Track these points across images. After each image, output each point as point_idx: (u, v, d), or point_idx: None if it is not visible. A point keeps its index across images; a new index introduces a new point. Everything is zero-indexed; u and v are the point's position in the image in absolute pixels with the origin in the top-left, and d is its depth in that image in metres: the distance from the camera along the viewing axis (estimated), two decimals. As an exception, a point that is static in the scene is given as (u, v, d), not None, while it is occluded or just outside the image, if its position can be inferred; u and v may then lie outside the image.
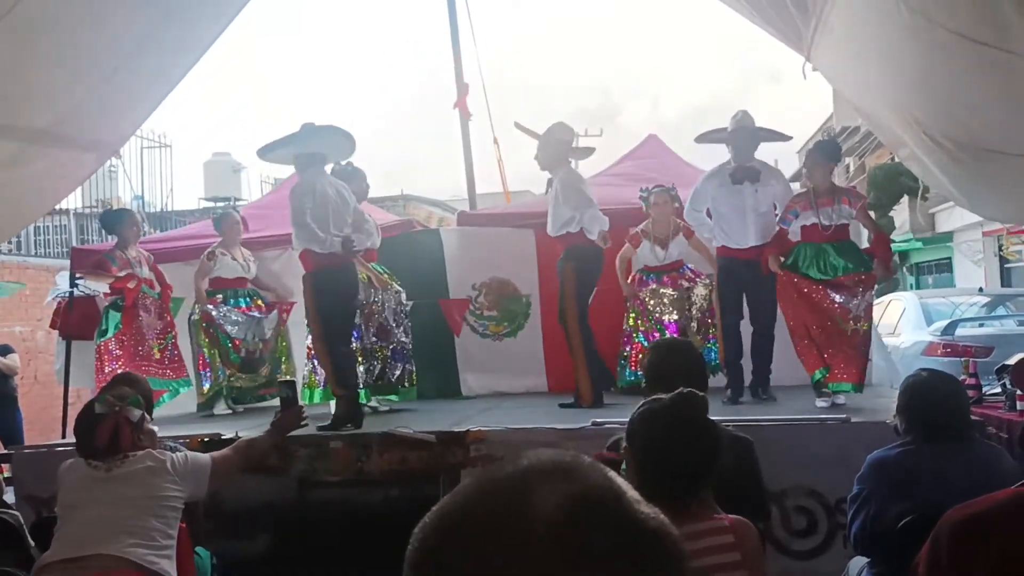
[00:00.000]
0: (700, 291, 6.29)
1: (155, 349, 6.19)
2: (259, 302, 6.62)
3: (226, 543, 4.18)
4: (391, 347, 5.93)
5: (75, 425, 3.10)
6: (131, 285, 6.06)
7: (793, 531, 4.18)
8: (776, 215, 5.46)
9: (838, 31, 4.12)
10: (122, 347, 6.03)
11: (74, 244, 12.08)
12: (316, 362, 5.74)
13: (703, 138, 5.78)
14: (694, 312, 6.29)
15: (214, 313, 6.33)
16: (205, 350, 6.35)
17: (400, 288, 6.07)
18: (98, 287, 6.35)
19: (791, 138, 5.88)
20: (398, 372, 5.99)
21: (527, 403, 6.00)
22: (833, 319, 5.00)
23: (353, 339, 5.58)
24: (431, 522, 0.70)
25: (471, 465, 4.47)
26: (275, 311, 6.64)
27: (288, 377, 5.82)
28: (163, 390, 6.06)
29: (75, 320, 7.14)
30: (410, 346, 6.12)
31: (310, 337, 5.54)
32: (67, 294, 7.12)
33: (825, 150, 5.39)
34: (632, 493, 0.69)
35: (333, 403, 5.43)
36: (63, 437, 6.93)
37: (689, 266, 6.40)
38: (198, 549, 3.43)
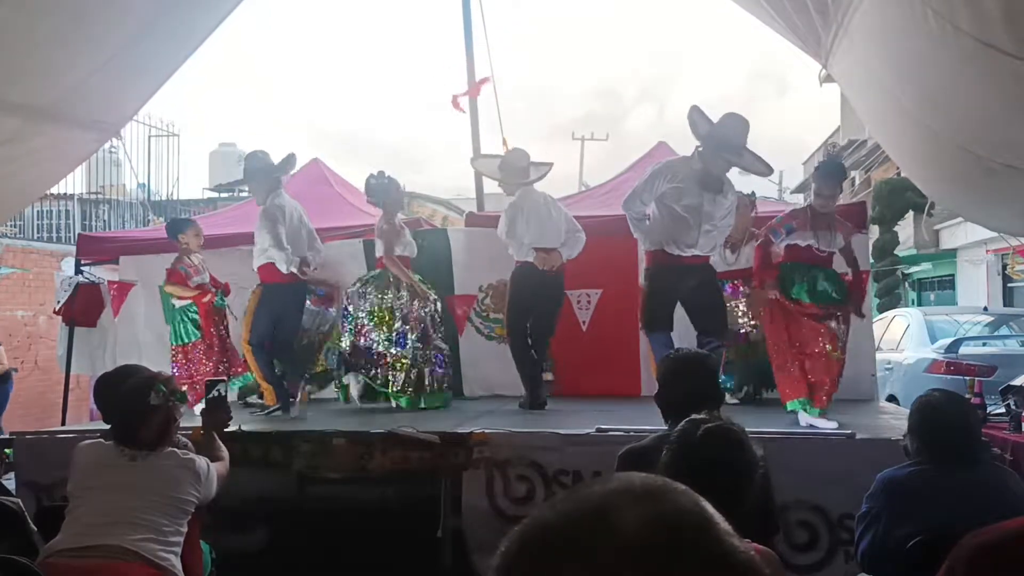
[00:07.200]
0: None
1: (224, 349, 6.39)
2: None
3: (225, 536, 4.16)
4: (433, 352, 6.07)
5: (121, 411, 2.97)
6: (205, 300, 6.26)
7: (794, 545, 4.16)
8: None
9: (858, 38, 4.10)
10: (207, 352, 6.25)
11: (79, 230, 12.09)
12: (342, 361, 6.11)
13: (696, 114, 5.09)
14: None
15: None
16: None
17: (436, 297, 6.25)
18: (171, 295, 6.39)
19: (770, 172, 5.51)
20: (440, 376, 6.11)
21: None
22: (822, 346, 4.93)
23: (396, 346, 5.92)
24: (518, 533, 0.67)
25: (473, 467, 4.46)
26: (333, 306, 6.70)
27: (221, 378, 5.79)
28: None
29: (78, 307, 7.15)
30: (447, 351, 6.27)
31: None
32: (72, 281, 7.12)
33: (841, 171, 5.35)
34: (724, 524, 0.67)
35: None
36: (63, 423, 6.92)
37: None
38: (198, 541, 3.41)
